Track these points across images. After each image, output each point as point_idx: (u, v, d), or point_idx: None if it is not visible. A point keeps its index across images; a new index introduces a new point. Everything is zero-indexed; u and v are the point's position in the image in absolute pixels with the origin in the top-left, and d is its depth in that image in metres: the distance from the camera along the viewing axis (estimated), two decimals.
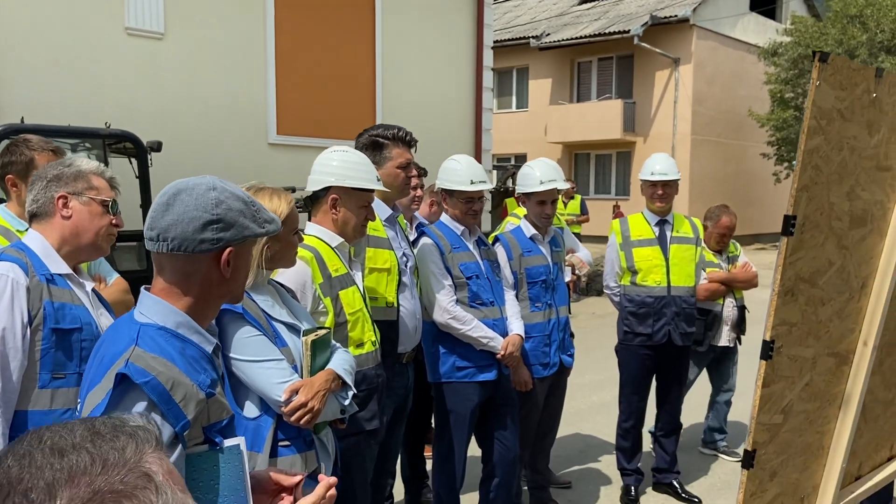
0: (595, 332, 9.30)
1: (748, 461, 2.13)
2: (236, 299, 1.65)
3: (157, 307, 1.54)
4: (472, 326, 3.48)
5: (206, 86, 8.30)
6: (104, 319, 2.09)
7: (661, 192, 4.49)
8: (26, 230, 2.72)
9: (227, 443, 1.58)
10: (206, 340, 1.59)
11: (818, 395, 2.34)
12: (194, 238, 1.50)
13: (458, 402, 3.56)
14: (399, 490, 4.47)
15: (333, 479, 1.62)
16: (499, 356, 3.55)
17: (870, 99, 2.18)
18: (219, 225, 1.51)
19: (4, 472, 0.68)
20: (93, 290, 2.17)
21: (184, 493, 0.76)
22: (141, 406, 1.43)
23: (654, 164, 4.53)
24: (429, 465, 4.47)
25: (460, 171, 3.57)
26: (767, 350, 2.08)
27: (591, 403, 6.49)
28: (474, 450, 3.85)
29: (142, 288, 1.59)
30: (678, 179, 4.53)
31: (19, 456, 0.70)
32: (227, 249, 1.53)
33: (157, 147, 5.99)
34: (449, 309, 3.46)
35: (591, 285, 12.86)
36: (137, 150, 5.87)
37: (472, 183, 3.55)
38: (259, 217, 1.59)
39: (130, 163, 5.99)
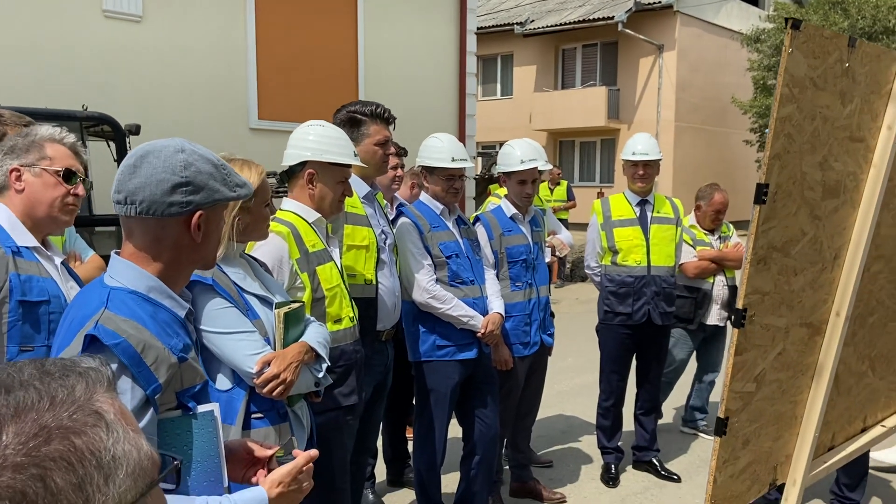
0: (578, 317, 9.33)
1: (721, 429, 2.14)
2: (208, 265, 1.63)
3: (128, 271, 1.52)
4: (452, 305, 3.47)
5: (185, 69, 8.22)
6: (74, 293, 2.07)
7: (643, 173, 4.50)
8: None
9: (201, 408, 1.57)
10: (178, 305, 1.57)
11: (791, 365, 2.36)
12: (163, 201, 1.47)
13: (439, 380, 3.56)
14: (381, 470, 4.49)
15: (314, 453, 1.61)
16: (479, 335, 3.55)
17: (843, 68, 2.19)
18: (188, 188, 1.49)
19: None
20: (63, 262, 2.14)
21: (136, 433, 0.75)
22: (112, 368, 1.42)
23: (635, 144, 4.54)
24: (410, 446, 4.48)
25: (441, 149, 3.55)
26: (740, 318, 2.09)
27: (573, 386, 6.53)
28: (456, 430, 3.86)
29: (112, 252, 1.57)
30: (659, 160, 4.55)
31: None
32: (198, 213, 1.51)
33: (135, 130, 5.92)
34: (428, 288, 3.45)
35: (574, 271, 12.90)
36: (115, 132, 5.81)
37: (453, 160, 3.53)
38: (230, 181, 1.57)
39: (108, 146, 5.93)
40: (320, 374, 2.19)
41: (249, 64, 8.82)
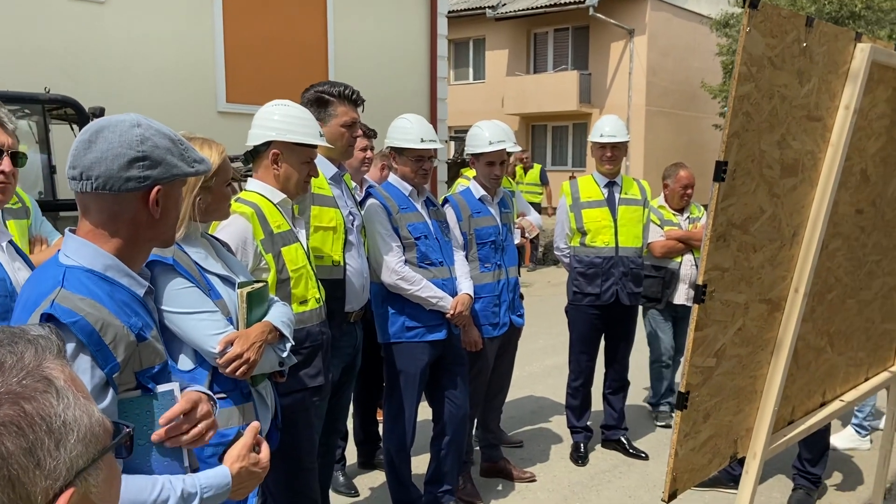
0: (550, 300, 9.41)
1: (682, 402, 2.18)
2: (167, 243, 1.62)
3: (84, 250, 1.50)
4: (420, 286, 3.48)
5: (150, 52, 8.08)
6: (22, 273, 2.02)
7: (610, 154, 4.54)
8: None
9: (161, 388, 1.56)
10: (136, 284, 1.55)
11: (750, 340, 2.41)
12: (120, 176, 1.45)
13: (408, 361, 3.57)
14: (352, 453, 4.50)
15: (257, 424, 1.61)
16: (448, 315, 3.56)
17: (800, 48, 2.22)
18: (145, 162, 1.47)
19: None
20: (10, 242, 2.10)
21: (87, 400, 0.75)
22: (70, 347, 1.40)
23: (603, 126, 4.57)
24: (381, 429, 4.49)
25: (410, 129, 3.55)
26: (700, 294, 2.13)
27: (544, 367, 6.59)
28: (426, 412, 3.88)
29: (66, 230, 1.55)
30: (627, 142, 4.58)
31: None
32: (155, 188, 1.49)
33: (99, 113, 5.81)
34: (397, 269, 3.45)
35: (547, 254, 12.98)
36: (79, 115, 5.70)
37: (422, 141, 3.53)
38: (188, 156, 1.55)
39: (72, 129, 5.83)
40: (284, 354, 2.19)
41: (217, 46, 8.69)
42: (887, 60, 2.56)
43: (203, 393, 1.59)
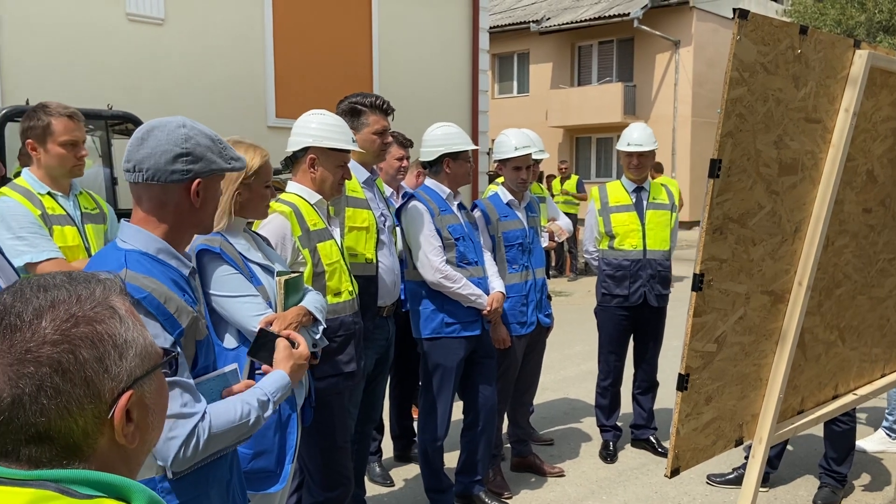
0: (588, 309, 9.48)
1: (682, 384, 2.34)
2: (206, 229, 1.85)
3: (139, 235, 1.74)
4: (461, 284, 3.69)
5: (205, 70, 8.52)
6: (2, 272, 2.15)
7: (636, 163, 4.68)
8: (47, 193, 2.95)
9: (228, 368, 1.85)
10: (183, 265, 1.80)
11: (753, 330, 2.55)
12: (166, 169, 1.69)
13: (446, 356, 3.76)
14: (388, 447, 4.72)
15: (286, 332, 2.03)
16: (485, 312, 3.77)
17: (794, 54, 2.38)
18: (188, 157, 1.71)
19: (2, 302, 0.90)
20: None
21: (142, 327, 0.98)
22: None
23: (630, 134, 4.72)
24: (416, 425, 4.70)
25: (460, 134, 3.82)
26: (698, 282, 2.29)
27: (578, 371, 6.72)
28: (456, 409, 4.07)
29: (122, 220, 1.80)
30: (653, 150, 4.72)
31: (13, 291, 0.92)
32: (196, 181, 1.73)
33: None
34: (440, 268, 3.66)
35: (588, 266, 13.06)
36: None
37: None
38: (226, 154, 1.79)
39: None
40: (317, 336, 2.42)
41: (267, 64, 9.11)
42: (887, 66, 2.69)
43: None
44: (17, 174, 3.23)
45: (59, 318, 0.89)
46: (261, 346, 2.04)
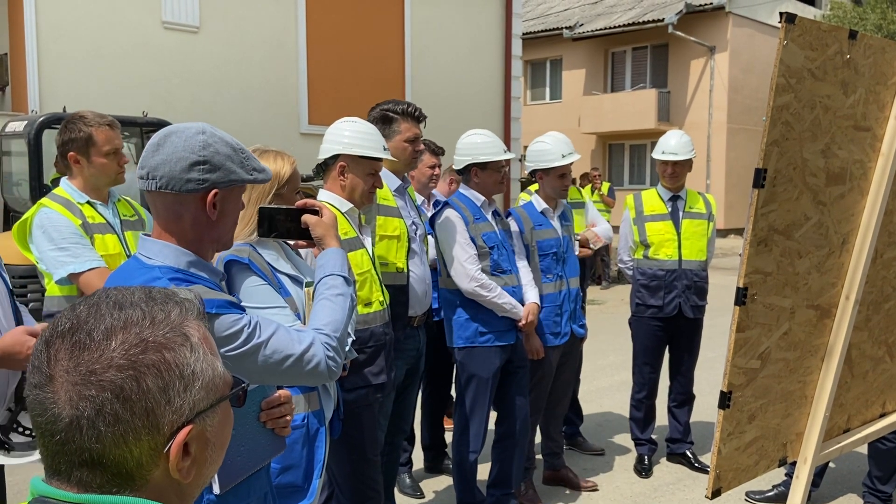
0: (622, 318, 9.35)
1: (724, 402, 2.25)
2: (225, 245, 1.72)
3: (167, 251, 1.61)
4: (497, 293, 3.62)
5: (239, 77, 8.59)
6: None
7: (672, 172, 4.58)
8: (86, 202, 2.96)
9: None
10: (214, 275, 1.73)
11: (798, 345, 2.45)
12: (181, 177, 1.55)
13: (481, 365, 3.69)
14: (418, 458, 4.67)
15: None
16: (521, 324, 3.70)
17: (843, 60, 2.28)
18: (205, 166, 1.57)
19: (77, 315, 0.87)
20: None
21: (214, 356, 0.94)
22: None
23: (667, 143, 4.62)
24: (448, 436, 4.64)
25: (495, 143, 3.76)
26: (741, 296, 2.20)
27: (612, 382, 6.60)
28: (489, 424, 3.99)
29: (140, 234, 1.75)
30: (690, 159, 4.60)
31: (89, 305, 0.88)
32: (213, 191, 1.58)
33: None
34: (476, 277, 3.60)
35: (621, 273, 12.90)
36: None
37: (504, 152, 3.80)
38: (247, 164, 1.66)
39: None
40: (346, 348, 2.38)
41: (300, 72, 9.16)
42: None
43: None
44: (54, 180, 3.24)
45: (129, 341, 0.85)
46: (275, 224, 2.00)
